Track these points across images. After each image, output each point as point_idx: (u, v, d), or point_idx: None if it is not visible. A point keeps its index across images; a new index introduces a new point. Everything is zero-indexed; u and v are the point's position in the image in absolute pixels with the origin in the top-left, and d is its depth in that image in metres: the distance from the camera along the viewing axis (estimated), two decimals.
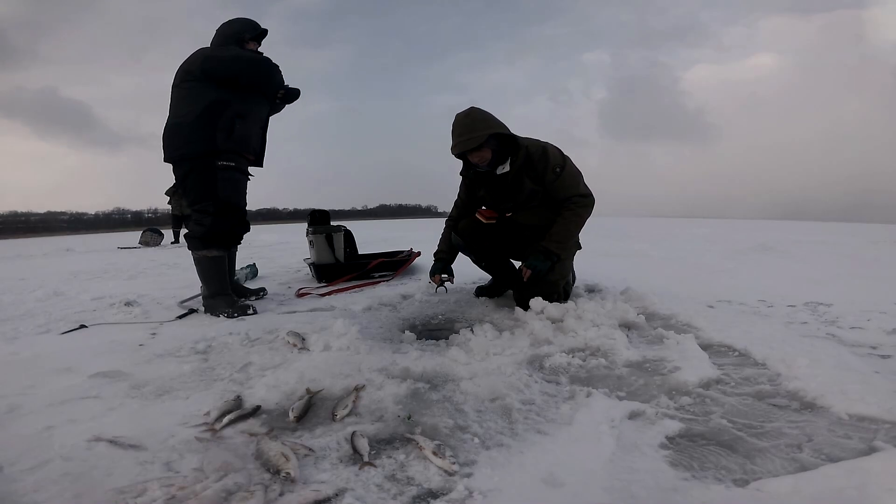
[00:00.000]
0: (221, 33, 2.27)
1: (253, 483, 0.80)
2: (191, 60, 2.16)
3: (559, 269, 1.94)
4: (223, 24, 2.31)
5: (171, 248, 7.29)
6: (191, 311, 2.19)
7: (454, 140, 1.85)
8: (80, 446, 0.93)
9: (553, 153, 1.92)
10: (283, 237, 8.88)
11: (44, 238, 16.52)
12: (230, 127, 2.13)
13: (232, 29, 2.26)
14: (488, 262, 2.21)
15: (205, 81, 2.12)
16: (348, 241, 3.43)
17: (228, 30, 2.26)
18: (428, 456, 0.86)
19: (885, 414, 0.97)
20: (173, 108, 2.17)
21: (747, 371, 1.27)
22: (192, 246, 2.20)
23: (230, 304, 2.14)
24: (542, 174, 1.91)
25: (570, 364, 1.35)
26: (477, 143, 1.81)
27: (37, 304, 2.46)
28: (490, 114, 1.87)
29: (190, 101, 2.11)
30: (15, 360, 1.52)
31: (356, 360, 1.38)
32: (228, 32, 2.26)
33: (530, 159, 1.91)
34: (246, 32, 2.27)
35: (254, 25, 2.30)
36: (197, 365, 1.43)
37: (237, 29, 2.27)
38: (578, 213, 1.92)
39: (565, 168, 1.92)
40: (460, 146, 1.84)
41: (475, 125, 1.82)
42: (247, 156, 2.29)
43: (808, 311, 2.00)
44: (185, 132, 2.10)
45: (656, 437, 0.94)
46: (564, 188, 1.92)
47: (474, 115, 1.85)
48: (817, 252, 4.35)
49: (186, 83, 2.14)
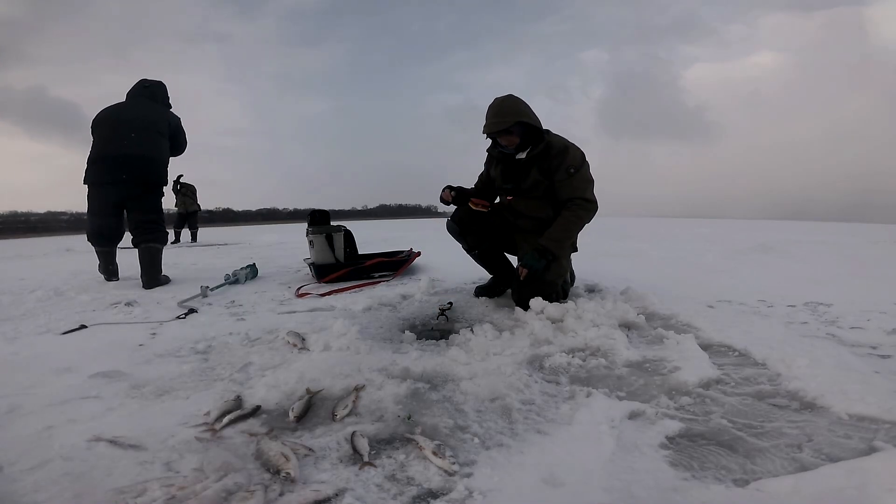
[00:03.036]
0: (162, 94, 3.30)
1: (253, 483, 0.80)
2: (159, 118, 3.15)
3: (555, 269, 1.96)
4: (159, 83, 3.30)
5: (171, 248, 7.27)
6: (191, 311, 2.19)
7: (486, 121, 1.97)
8: (80, 446, 0.93)
9: (573, 154, 1.97)
10: (282, 237, 8.88)
11: (44, 238, 16.51)
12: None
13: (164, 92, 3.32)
14: (481, 251, 2.24)
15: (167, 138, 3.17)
16: (348, 241, 3.43)
17: (163, 92, 3.31)
18: (428, 456, 0.86)
19: (885, 414, 0.97)
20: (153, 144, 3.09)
21: (747, 371, 1.27)
22: (161, 241, 3.13)
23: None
24: (553, 169, 1.96)
25: (570, 364, 1.35)
26: (503, 127, 1.92)
27: (37, 304, 2.46)
28: (525, 104, 1.97)
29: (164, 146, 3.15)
30: (15, 360, 1.52)
31: (356, 360, 1.38)
32: (164, 94, 3.31)
33: (547, 151, 1.98)
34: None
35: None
36: (197, 365, 1.43)
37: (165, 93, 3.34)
38: (579, 214, 1.95)
39: (580, 171, 1.96)
40: (489, 127, 1.96)
41: (506, 111, 1.93)
42: None
43: (808, 311, 2.00)
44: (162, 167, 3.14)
45: (656, 437, 0.94)
46: (572, 189, 1.95)
47: (508, 101, 1.96)
48: (817, 252, 4.35)
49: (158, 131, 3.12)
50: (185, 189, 8.90)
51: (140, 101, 3.17)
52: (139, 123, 3.02)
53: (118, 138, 2.95)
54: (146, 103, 3.18)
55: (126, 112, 3.08)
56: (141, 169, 2.97)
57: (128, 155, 2.93)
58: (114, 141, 2.95)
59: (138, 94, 3.20)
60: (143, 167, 2.98)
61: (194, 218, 9.16)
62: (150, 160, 3.02)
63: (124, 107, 3.13)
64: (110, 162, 2.93)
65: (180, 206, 8.93)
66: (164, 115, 3.19)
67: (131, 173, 2.94)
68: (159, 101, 3.26)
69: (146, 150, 3.00)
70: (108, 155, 2.95)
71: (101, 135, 3.00)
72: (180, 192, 8.84)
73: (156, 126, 3.08)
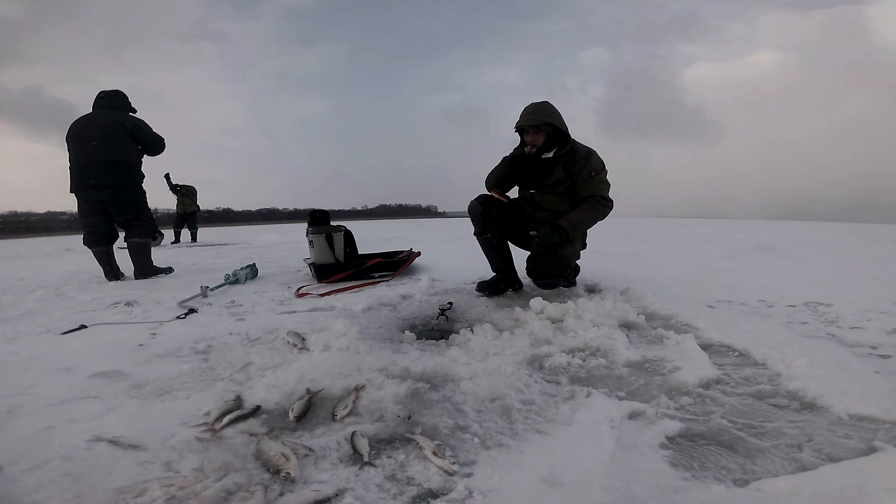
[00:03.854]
0: (121, 100, 3.52)
1: (253, 483, 0.80)
2: (116, 124, 3.37)
3: (569, 248, 2.14)
4: (116, 91, 3.53)
5: (171, 248, 7.28)
6: (191, 310, 2.20)
7: (520, 117, 2.20)
8: (80, 446, 0.93)
9: (595, 160, 2.19)
10: (282, 237, 8.87)
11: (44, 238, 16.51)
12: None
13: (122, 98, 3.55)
14: (493, 235, 2.34)
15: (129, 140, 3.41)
16: (348, 241, 3.43)
17: (121, 98, 3.53)
18: (428, 456, 0.86)
19: (885, 414, 0.97)
20: (113, 148, 3.34)
21: (747, 371, 1.27)
22: (143, 235, 3.37)
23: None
24: (578, 170, 2.18)
25: (570, 364, 1.35)
26: (535, 124, 2.15)
27: (37, 304, 2.46)
28: (558, 111, 2.20)
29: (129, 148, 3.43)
30: (15, 360, 1.52)
31: (356, 360, 1.38)
32: (123, 100, 3.54)
33: (573, 153, 2.20)
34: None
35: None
36: (197, 365, 1.43)
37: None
38: (597, 208, 2.15)
39: (600, 174, 2.18)
40: (523, 121, 2.18)
41: (540, 112, 2.18)
42: None
43: (808, 311, 2.00)
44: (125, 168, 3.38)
45: (656, 437, 0.94)
46: (593, 187, 2.16)
47: (544, 105, 2.20)
48: (817, 252, 4.35)
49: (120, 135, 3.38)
50: (185, 190, 8.93)
51: (99, 112, 3.47)
52: (97, 132, 3.33)
53: (82, 148, 3.31)
54: (104, 112, 3.46)
55: (87, 123, 3.40)
56: (105, 173, 3.30)
57: (91, 161, 3.28)
58: (79, 151, 3.32)
59: (97, 105, 3.50)
60: (106, 171, 3.30)
61: (193, 218, 9.20)
62: (112, 163, 3.32)
63: (86, 119, 3.43)
64: (79, 169, 3.31)
65: (179, 206, 8.96)
66: (119, 119, 3.42)
67: (98, 178, 3.29)
68: (119, 107, 3.52)
69: (106, 154, 3.31)
70: (77, 163, 3.32)
71: (71, 146, 3.36)
72: (180, 192, 8.85)
73: (114, 132, 3.36)
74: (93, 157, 3.27)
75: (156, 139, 3.56)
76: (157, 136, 3.57)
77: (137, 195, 3.46)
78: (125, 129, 3.40)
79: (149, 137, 3.53)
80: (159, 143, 3.59)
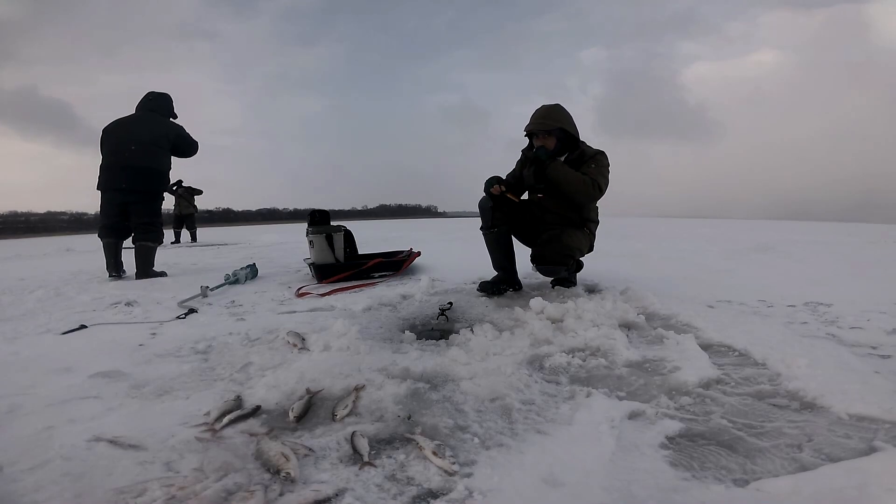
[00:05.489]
0: (166, 105, 3.65)
1: (253, 483, 0.80)
2: (160, 133, 3.49)
3: (574, 238, 2.23)
4: (163, 95, 3.65)
5: (171, 249, 7.28)
6: (191, 310, 2.20)
7: (531, 121, 2.24)
8: (80, 446, 0.93)
9: (601, 157, 2.25)
10: (282, 237, 8.88)
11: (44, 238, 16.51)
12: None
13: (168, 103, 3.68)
14: (499, 231, 2.37)
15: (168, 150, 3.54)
16: (348, 241, 3.43)
17: (167, 103, 3.66)
18: (428, 456, 0.86)
19: (885, 414, 0.97)
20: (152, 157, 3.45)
21: (747, 371, 1.27)
22: (154, 240, 3.47)
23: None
24: (584, 166, 2.23)
25: (570, 364, 1.35)
26: (546, 128, 2.20)
27: (37, 304, 2.46)
28: (569, 115, 2.24)
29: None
30: (15, 360, 1.52)
31: (356, 360, 1.38)
32: (168, 106, 3.67)
33: (583, 155, 2.26)
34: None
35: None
36: (197, 365, 1.43)
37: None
38: (585, 183, 2.17)
39: (602, 169, 2.24)
40: (534, 125, 2.22)
41: (551, 116, 2.22)
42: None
43: (808, 311, 2.00)
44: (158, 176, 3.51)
45: (656, 437, 0.94)
46: (591, 171, 2.21)
47: (555, 108, 2.24)
48: (817, 252, 4.35)
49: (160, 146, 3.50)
50: (185, 191, 9.01)
51: (144, 115, 3.56)
52: (140, 138, 3.43)
53: (121, 151, 3.38)
54: (150, 117, 3.55)
55: (130, 126, 3.49)
56: (139, 179, 3.41)
57: (128, 166, 3.37)
58: (117, 153, 3.39)
59: (143, 107, 3.59)
60: (141, 177, 3.41)
61: (191, 220, 9.33)
62: (149, 171, 3.44)
63: (130, 121, 3.52)
64: (113, 171, 3.41)
65: (176, 208, 9.05)
66: (164, 129, 3.54)
67: (131, 182, 3.40)
68: (162, 113, 3.63)
69: (145, 162, 3.41)
70: (113, 165, 3.40)
71: (108, 146, 3.44)
72: (179, 194, 8.91)
73: (156, 141, 3.47)
74: (130, 161, 3.37)
75: (193, 145, 3.74)
76: (195, 141, 3.75)
77: (158, 201, 3.60)
78: (168, 140, 3.53)
79: (188, 144, 3.69)
80: (195, 148, 3.78)
